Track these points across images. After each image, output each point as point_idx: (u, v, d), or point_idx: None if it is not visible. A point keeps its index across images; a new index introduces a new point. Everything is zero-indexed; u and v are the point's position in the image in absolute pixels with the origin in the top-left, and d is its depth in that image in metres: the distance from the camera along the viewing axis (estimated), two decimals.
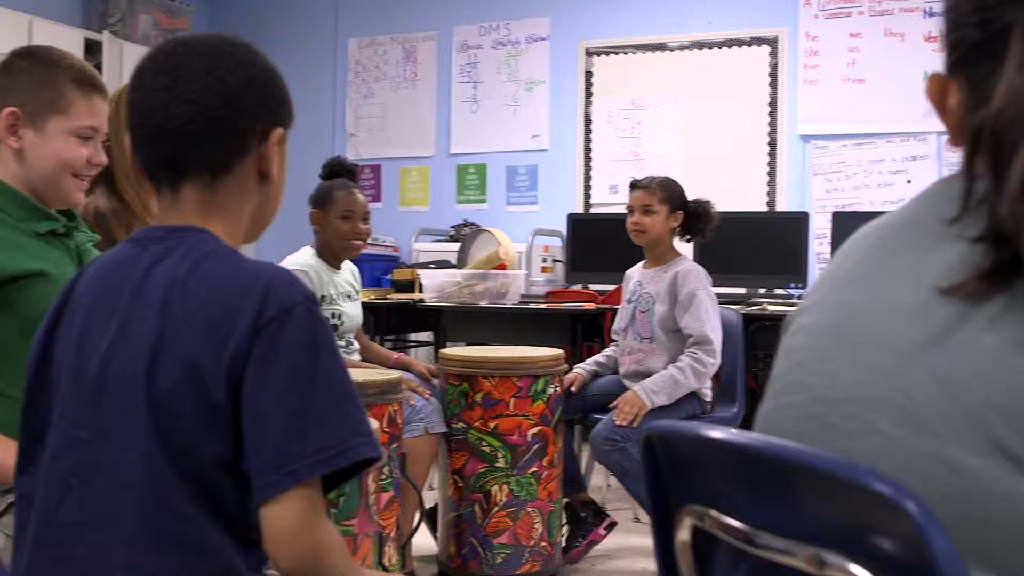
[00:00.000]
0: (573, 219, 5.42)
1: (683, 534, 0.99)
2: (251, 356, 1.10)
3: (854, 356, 0.90)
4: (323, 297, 3.33)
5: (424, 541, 3.42)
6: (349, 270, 3.53)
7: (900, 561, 0.77)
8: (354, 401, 1.14)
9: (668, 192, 3.44)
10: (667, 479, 1.02)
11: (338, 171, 3.46)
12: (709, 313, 3.34)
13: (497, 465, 3.10)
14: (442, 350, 3.48)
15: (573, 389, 3.50)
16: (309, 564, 1.10)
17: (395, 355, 3.58)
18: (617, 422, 3.22)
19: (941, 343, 0.84)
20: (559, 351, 3.29)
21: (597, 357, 3.69)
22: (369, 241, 3.58)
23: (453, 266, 5.30)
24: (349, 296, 3.46)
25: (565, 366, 3.28)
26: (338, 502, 2.09)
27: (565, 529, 3.42)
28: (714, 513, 0.93)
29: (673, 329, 3.39)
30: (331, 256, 3.40)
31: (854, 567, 0.80)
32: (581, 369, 3.62)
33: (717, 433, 0.91)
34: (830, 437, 0.89)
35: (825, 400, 0.91)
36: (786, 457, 0.84)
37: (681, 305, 3.35)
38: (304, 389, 1.10)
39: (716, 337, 3.32)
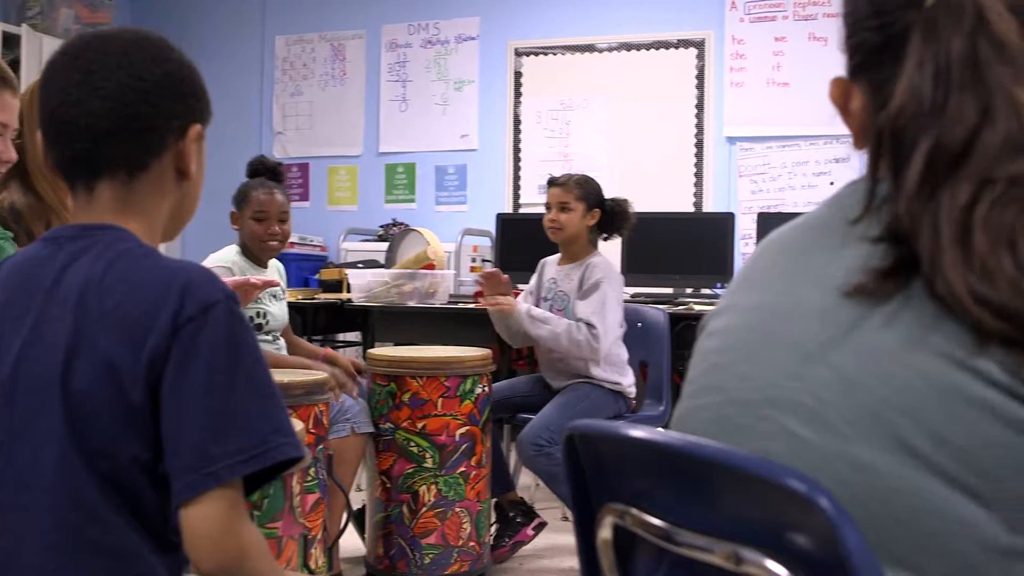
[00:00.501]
0: (502, 219, 5.42)
1: (604, 533, 0.99)
2: (170, 355, 1.08)
3: (765, 358, 0.91)
4: None
5: (351, 542, 3.39)
6: (276, 269, 3.49)
7: (815, 556, 0.78)
8: (276, 401, 1.12)
9: (584, 190, 3.46)
10: (589, 478, 1.03)
11: (259, 170, 3.41)
12: (606, 306, 3.33)
13: (425, 465, 3.09)
14: (369, 350, 3.46)
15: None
16: (230, 566, 1.08)
17: (322, 351, 3.54)
18: (482, 302, 3.30)
19: (843, 343, 0.86)
20: (487, 351, 3.29)
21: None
22: (296, 240, 3.53)
23: (381, 266, 5.26)
24: (275, 296, 3.41)
25: (493, 366, 3.27)
26: (262, 504, 2.06)
27: (494, 529, 3.42)
28: (635, 511, 0.94)
29: None
30: (254, 255, 3.36)
31: (770, 563, 0.81)
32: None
33: (638, 432, 0.92)
34: (744, 439, 0.90)
35: (739, 402, 0.92)
36: (705, 455, 0.85)
37: (583, 294, 3.37)
38: (224, 389, 1.08)
39: (603, 328, 3.30)
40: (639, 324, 3.78)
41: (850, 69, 0.96)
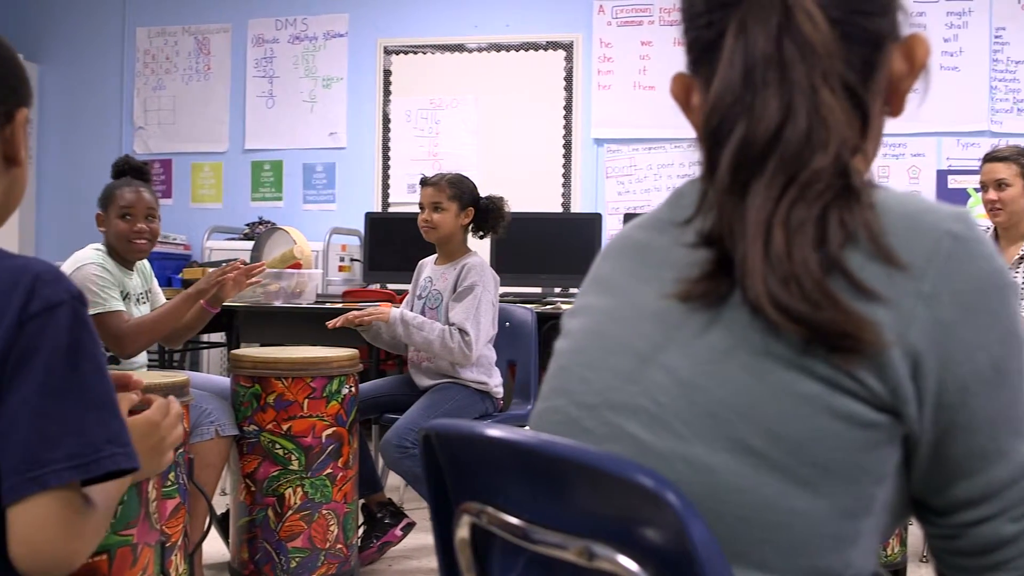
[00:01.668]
0: (371, 218, 5.39)
1: (462, 531, 1.00)
2: (11, 352, 1.04)
3: (603, 361, 0.93)
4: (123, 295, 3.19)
5: (215, 548, 3.32)
6: (141, 272, 3.38)
7: (664, 549, 0.80)
8: (112, 410, 1.10)
9: (458, 189, 3.46)
10: (446, 477, 1.03)
11: (125, 170, 3.30)
12: (480, 311, 3.34)
13: (291, 468, 3.04)
14: (233, 351, 3.38)
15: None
16: (52, 573, 1.05)
17: (182, 293, 3.34)
18: (357, 320, 3.31)
19: (674, 344, 0.87)
20: (354, 351, 3.26)
21: None
22: (158, 240, 3.43)
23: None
24: (139, 300, 3.31)
25: (360, 366, 3.24)
26: (115, 511, 2.00)
27: (362, 530, 3.40)
28: (491, 510, 0.94)
29: None
30: (120, 257, 3.25)
31: (622, 558, 0.82)
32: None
33: (492, 431, 0.92)
34: (589, 441, 0.91)
35: (582, 405, 0.93)
36: (557, 453, 0.86)
37: (457, 297, 3.37)
38: (60, 394, 1.05)
39: (475, 334, 3.31)
40: (507, 323, 3.80)
41: (689, 64, 0.97)
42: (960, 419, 0.83)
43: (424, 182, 3.52)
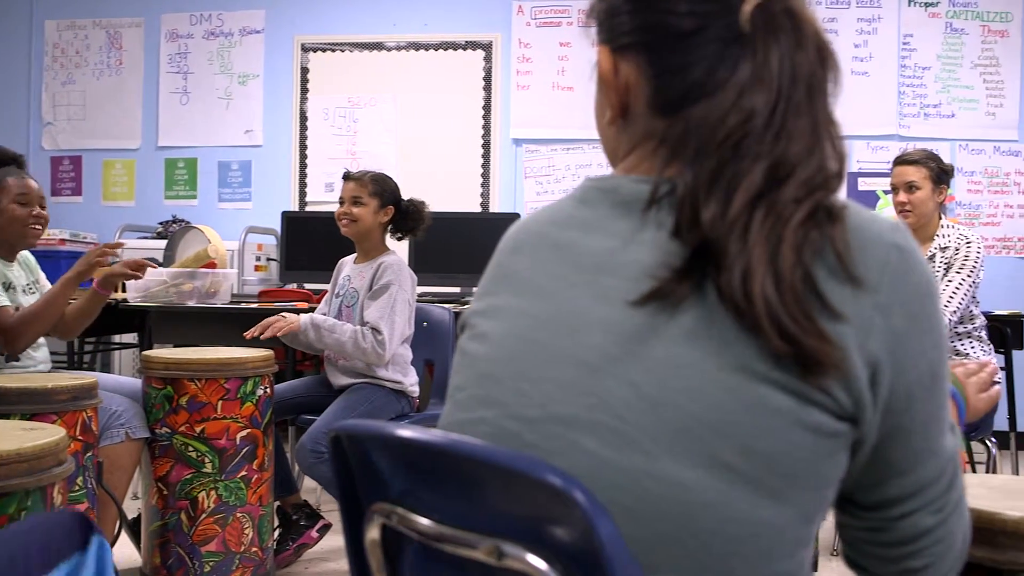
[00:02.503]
0: (288, 217, 5.33)
1: (372, 533, 0.99)
2: None
3: (546, 371, 0.88)
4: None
5: (126, 553, 3.25)
6: (24, 261, 3.30)
7: (573, 548, 0.80)
8: None
9: (379, 186, 3.45)
10: (356, 478, 1.02)
11: (4, 160, 3.21)
12: (395, 310, 3.32)
13: (204, 471, 2.99)
14: (145, 352, 3.31)
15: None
16: None
17: (61, 278, 3.23)
18: (260, 332, 3.27)
19: (638, 356, 0.84)
20: (269, 352, 3.22)
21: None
22: (68, 237, 3.35)
23: (160, 264, 5.07)
24: (26, 290, 3.22)
25: (275, 367, 3.20)
26: (19, 516, 1.94)
27: (277, 533, 3.36)
28: (401, 511, 0.94)
29: None
30: (3, 247, 3.15)
31: (531, 557, 0.82)
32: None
33: (403, 432, 0.91)
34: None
35: (520, 418, 0.89)
36: (467, 453, 0.86)
37: (372, 295, 3.36)
38: None
39: (389, 333, 3.29)
40: (425, 323, 3.79)
41: (626, 43, 0.93)
42: (903, 422, 0.86)
43: (347, 176, 3.50)
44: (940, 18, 5.87)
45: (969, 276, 3.44)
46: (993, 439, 3.65)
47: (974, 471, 4.47)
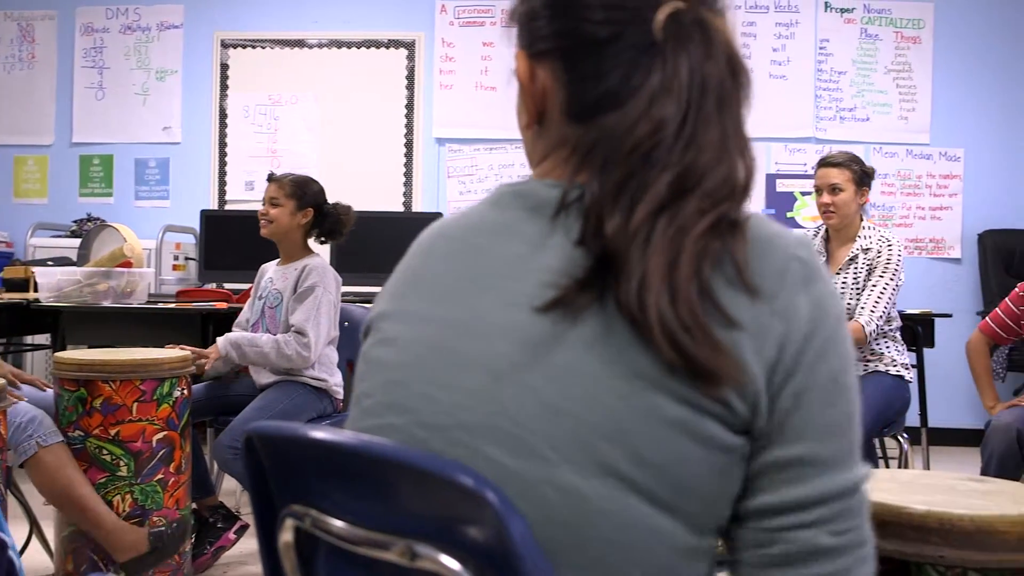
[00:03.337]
0: (207, 216, 5.25)
1: (286, 535, 0.97)
2: None
3: (454, 378, 0.88)
4: None
5: (38, 560, 3.17)
6: None
7: (485, 548, 0.80)
8: None
9: (297, 189, 3.43)
10: (270, 480, 1.01)
11: None
12: (320, 312, 3.33)
13: (119, 474, 2.93)
14: (57, 353, 3.23)
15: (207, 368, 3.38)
16: None
17: None
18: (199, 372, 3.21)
19: (540, 363, 0.84)
20: (186, 352, 3.17)
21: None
22: None
23: (74, 263, 4.95)
24: None
25: (193, 368, 3.15)
26: None
27: (194, 536, 3.30)
28: (315, 513, 0.93)
29: None
30: None
31: (444, 557, 0.82)
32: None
33: (316, 433, 0.91)
34: None
35: (428, 425, 0.88)
36: (379, 454, 0.85)
37: (297, 298, 3.34)
38: None
39: (315, 336, 3.30)
40: (346, 323, 3.76)
41: (543, 49, 0.94)
42: (792, 422, 0.85)
43: (270, 178, 3.52)
44: (855, 24, 6.00)
45: (892, 280, 3.53)
46: (905, 435, 3.74)
47: (887, 467, 4.59)
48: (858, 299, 3.54)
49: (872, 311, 3.48)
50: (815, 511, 0.84)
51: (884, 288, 3.51)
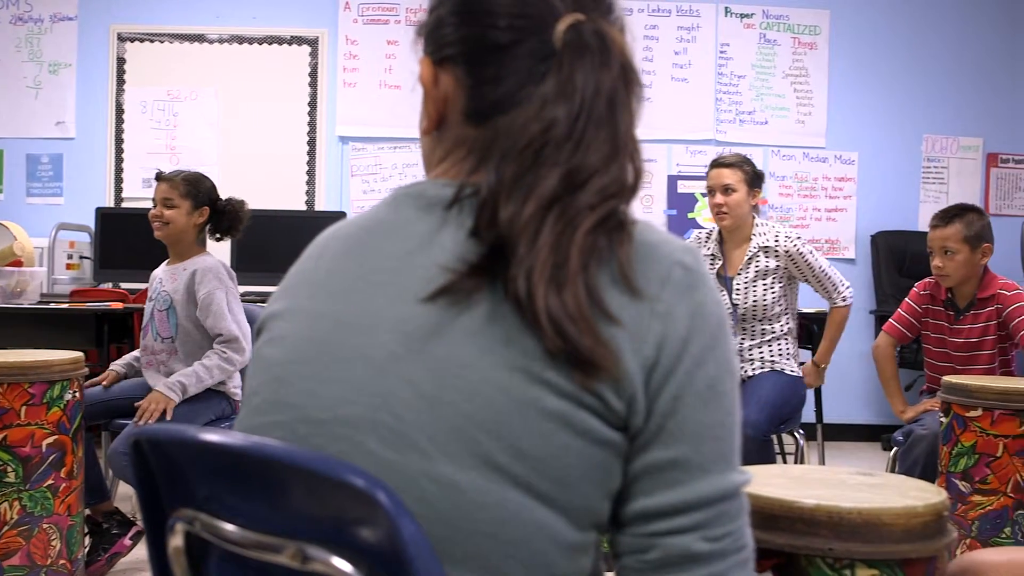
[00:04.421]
0: (102, 213, 5.12)
1: (176, 540, 0.95)
2: None
3: (336, 372, 0.89)
4: None
5: None
6: None
7: (377, 548, 0.80)
8: None
9: (192, 187, 3.34)
10: (159, 483, 0.98)
11: None
12: (232, 311, 3.28)
13: (6, 480, 2.83)
14: None
15: (104, 384, 3.32)
16: None
17: None
18: (140, 423, 3.08)
19: (416, 355, 0.86)
20: (78, 354, 3.07)
21: (134, 353, 3.51)
22: None
23: None
24: None
25: (86, 369, 3.06)
26: None
27: (88, 542, 3.22)
28: (204, 516, 0.91)
29: (194, 328, 3.29)
30: None
31: (336, 559, 0.81)
32: (118, 367, 3.44)
33: (204, 434, 0.89)
34: None
35: (310, 420, 0.89)
36: (269, 455, 0.84)
37: (202, 307, 3.27)
38: None
39: (242, 333, 3.27)
40: (251, 322, 3.70)
41: (447, 55, 0.96)
42: (669, 425, 0.87)
43: (159, 177, 3.38)
44: (754, 29, 6.13)
45: (822, 263, 3.67)
46: (801, 431, 3.84)
47: (785, 462, 4.70)
48: (764, 297, 3.61)
49: (839, 290, 3.70)
50: (691, 516, 0.86)
51: (822, 271, 3.66)
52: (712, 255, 3.73)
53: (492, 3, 0.93)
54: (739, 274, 3.66)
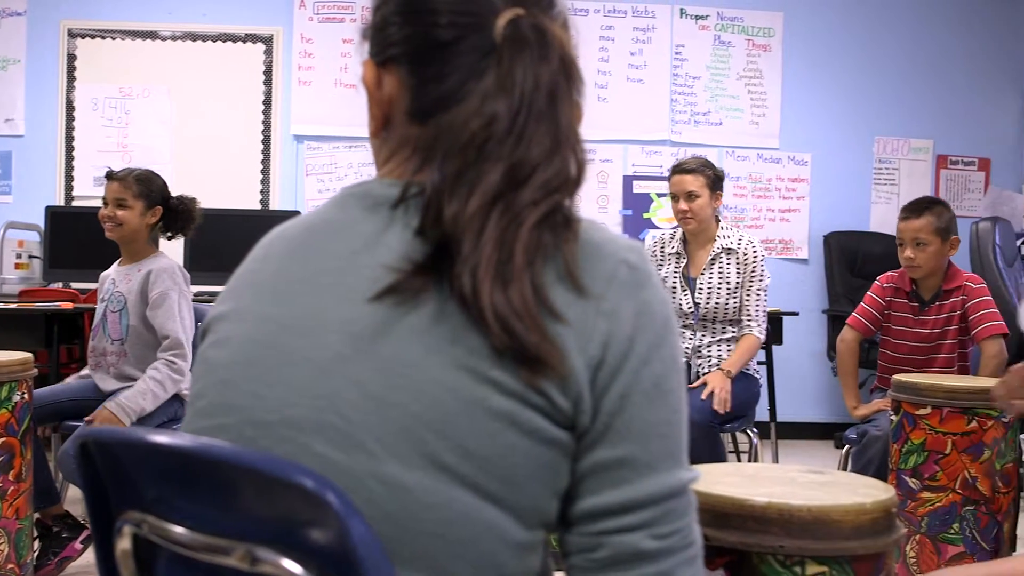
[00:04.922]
0: (52, 212, 5.05)
1: (123, 543, 0.94)
2: None
3: (281, 374, 0.88)
4: None
5: None
6: None
7: (327, 550, 0.80)
8: None
9: (145, 187, 3.30)
10: (107, 485, 0.97)
11: None
12: (183, 315, 3.24)
13: None
14: None
15: None
16: None
17: None
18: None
19: (363, 355, 0.85)
20: (27, 355, 3.03)
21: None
22: None
23: None
24: None
25: (35, 371, 3.02)
26: None
27: (37, 546, 3.17)
28: (152, 519, 0.90)
29: (145, 330, 3.25)
30: None
31: (285, 561, 0.81)
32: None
33: (152, 436, 0.88)
34: None
35: (256, 422, 0.88)
36: (217, 457, 0.83)
37: (153, 305, 3.23)
38: None
39: (187, 339, 3.23)
40: (198, 323, 3.67)
41: (391, 55, 0.96)
42: (616, 424, 0.87)
43: (110, 176, 3.33)
44: (709, 31, 6.17)
45: (764, 288, 3.73)
46: (755, 429, 3.87)
47: (739, 460, 4.73)
48: (727, 298, 3.66)
49: (760, 322, 3.73)
50: (638, 514, 0.87)
51: (759, 295, 3.71)
52: (677, 254, 3.78)
53: (435, 1, 0.93)
54: (702, 274, 3.71)
